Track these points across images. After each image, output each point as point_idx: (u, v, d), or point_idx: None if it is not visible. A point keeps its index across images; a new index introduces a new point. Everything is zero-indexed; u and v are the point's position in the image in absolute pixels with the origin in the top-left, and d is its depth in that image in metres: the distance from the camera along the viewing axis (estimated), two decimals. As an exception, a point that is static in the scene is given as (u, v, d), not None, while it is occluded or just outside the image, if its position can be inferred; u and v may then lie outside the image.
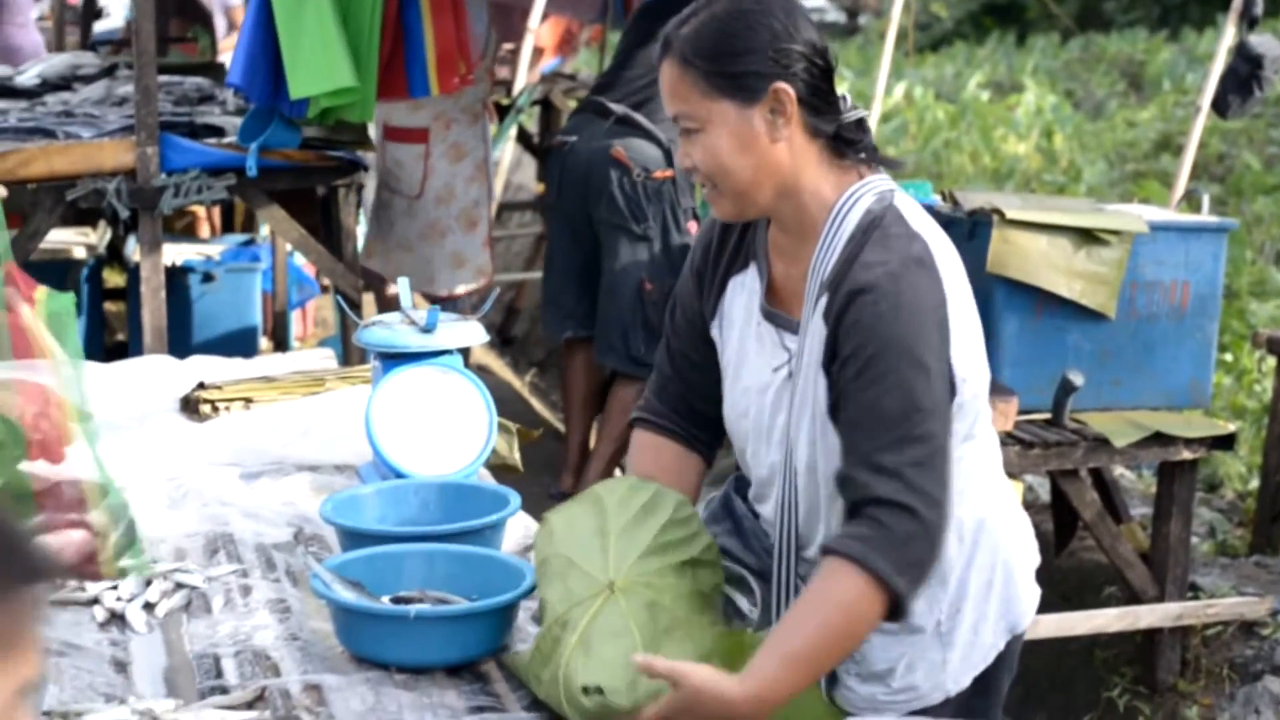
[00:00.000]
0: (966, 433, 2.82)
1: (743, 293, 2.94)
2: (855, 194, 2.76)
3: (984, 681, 2.93)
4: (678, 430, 3.10)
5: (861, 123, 2.81)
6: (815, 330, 2.74)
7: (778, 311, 2.87)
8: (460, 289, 7.10)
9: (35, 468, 2.64)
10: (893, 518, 2.60)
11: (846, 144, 2.79)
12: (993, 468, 2.95)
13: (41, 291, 2.84)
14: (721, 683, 2.53)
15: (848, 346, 2.66)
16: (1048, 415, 5.38)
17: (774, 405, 2.87)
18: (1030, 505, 6.42)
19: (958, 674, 2.90)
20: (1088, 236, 5.31)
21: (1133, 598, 5.59)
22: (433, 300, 6.62)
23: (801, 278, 2.80)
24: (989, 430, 2.92)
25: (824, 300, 2.72)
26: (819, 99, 2.74)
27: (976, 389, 2.80)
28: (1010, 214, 5.28)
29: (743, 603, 2.95)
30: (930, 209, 5.63)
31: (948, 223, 5.46)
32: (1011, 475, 5.11)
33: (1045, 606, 5.74)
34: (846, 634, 2.63)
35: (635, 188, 6.58)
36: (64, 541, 2.63)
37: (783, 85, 2.69)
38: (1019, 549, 2.97)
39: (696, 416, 3.09)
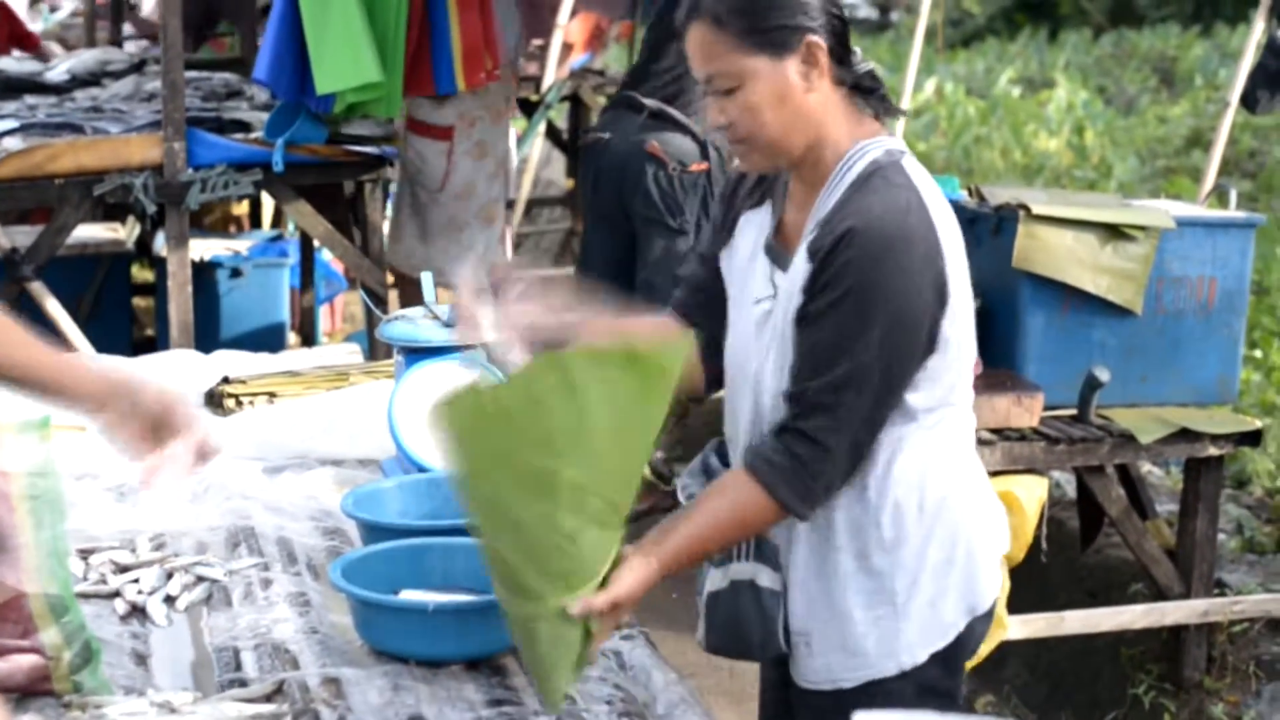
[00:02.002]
0: (942, 399, 2.86)
1: (752, 228, 3.00)
2: (865, 147, 2.83)
3: (942, 660, 2.96)
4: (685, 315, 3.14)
5: (873, 73, 2.89)
6: (799, 265, 2.80)
7: (777, 248, 2.92)
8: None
9: None
10: (809, 450, 2.75)
11: (865, 93, 2.87)
12: (964, 444, 2.98)
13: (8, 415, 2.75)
14: (638, 573, 2.65)
15: (824, 279, 2.73)
16: (1074, 411, 5.36)
17: (754, 340, 2.92)
18: (1056, 502, 6.41)
19: (912, 646, 2.92)
20: (1114, 232, 5.29)
21: (1159, 594, 5.57)
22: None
23: (804, 223, 2.86)
24: (967, 406, 2.96)
25: (812, 237, 2.78)
26: (842, 48, 2.82)
27: (960, 356, 2.85)
28: (1036, 209, 5.26)
29: None
30: (956, 204, 5.65)
31: (974, 218, 5.47)
32: (1037, 471, 5.12)
33: (1071, 603, 5.77)
34: (744, 532, 2.86)
35: (671, 182, 6.56)
36: (12, 667, 2.63)
37: (814, 37, 2.76)
38: (983, 530, 3.00)
39: (709, 335, 3.10)
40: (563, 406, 2.45)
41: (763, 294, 2.91)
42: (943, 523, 2.91)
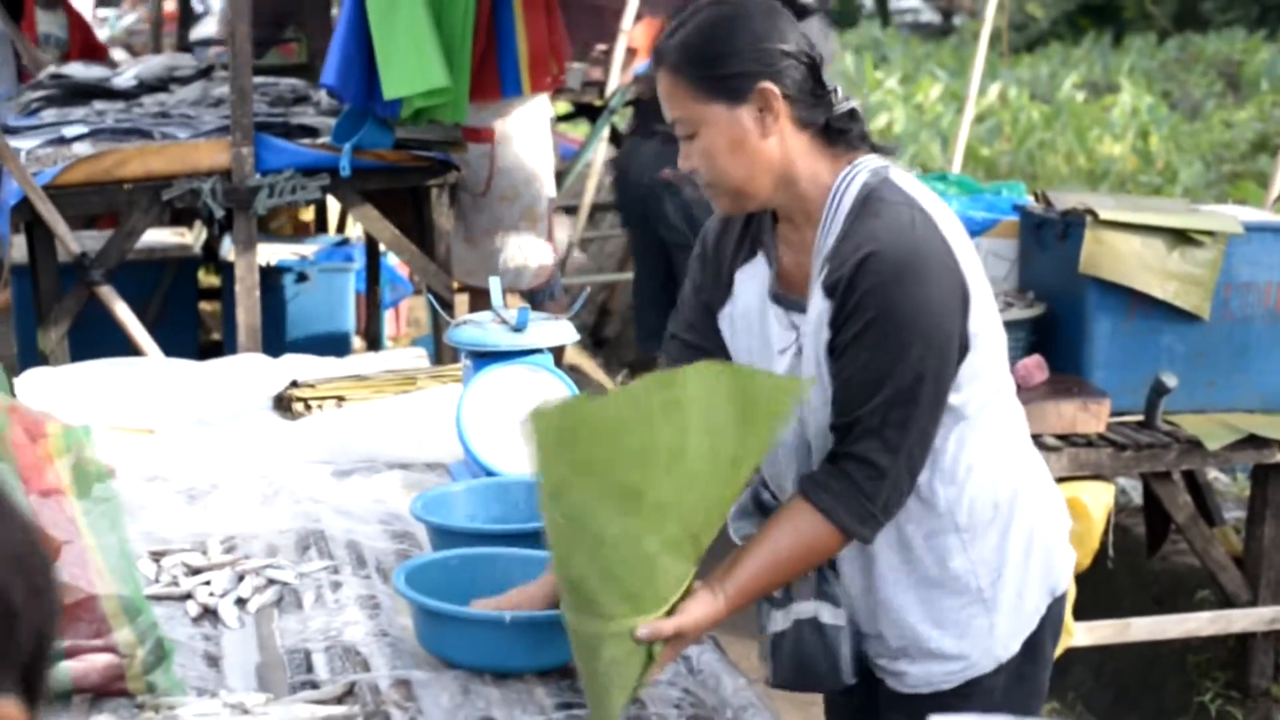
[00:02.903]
0: (986, 392, 2.88)
1: (753, 282, 2.99)
2: (850, 174, 2.83)
3: (1031, 646, 3.00)
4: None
5: (854, 113, 2.88)
6: (817, 302, 2.80)
7: (787, 295, 2.93)
8: (523, 284, 7.16)
9: (65, 578, 2.64)
10: (862, 473, 2.75)
11: (838, 133, 2.86)
12: (1019, 431, 3.02)
13: (54, 425, 2.80)
14: (705, 607, 2.67)
15: (848, 310, 2.74)
16: (1140, 417, 5.34)
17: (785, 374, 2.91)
18: (1123, 508, 6.39)
19: (1006, 639, 2.97)
20: (1182, 237, 5.28)
21: (1225, 601, 5.55)
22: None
23: (807, 262, 2.87)
24: (1010, 392, 2.98)
25: (825, 272, 2.79)
26: (805, 93, 2.81)
27: (991, 346, 2.86)
28: (1103, 214, 5.25)
29: None
30: (1023, 210, 5.65)
31: (1040, 223, 5.46)
32: (1103, 477, 5.11)
33: (1137, 610, 5.75)
34: (809, 563, 2.85)
35: (689, 205, 6.64)
36: (87, 666, 2.65)
37: (767, 84, 2.77)
38: (1051, 514, 3.05)
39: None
40: (668, 423, 2.46)
41: (786, 343, 2.92)
42: (1018, 512, 2.95)
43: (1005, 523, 2.94)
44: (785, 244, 2.94)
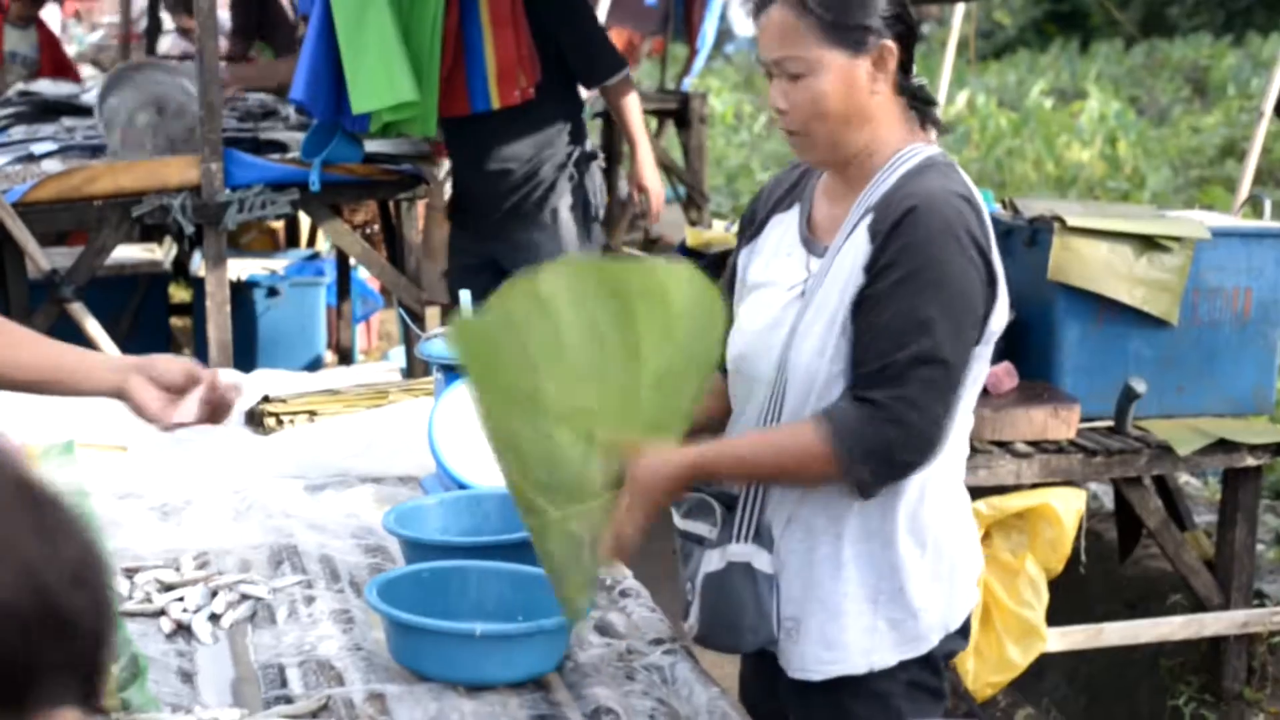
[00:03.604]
0: (964, 411, 2.91)
1: (779, 227, 3.05)
2: (918, 148, 2.90)
3: (926, 661, 3.00)
4: None
5: (925, 88, 2.96)
6: (856, 245, 2.83)
7: (811, 238, 2.97)
8: None
9: None
10: (880, 418, 2.75)
11: (920, 106, 2.94)
12: (959, 463, 3.02)
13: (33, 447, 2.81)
14: (669, 454, 2.77)
15: (890, 256, 2.77)
16: (1110, 423, 5.37)
17: (777, 321, 2.94)
18: (1094, 514, 6.41)
19: (884, 650, 2.96)
20: (1149, 243, 5.30)
21: (1198, 605, 5.57)
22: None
23: (843, 214, 2.91)
24: (965, 428, 2.99)
25: (870, 218, 2.83)
26: (908, 59, 2.89)
27: (977, 370, 2.91)
28: (1071, 221, 5.27)
29: (700, 527, 3.03)
30: (991, 217, 5.66)
31: (1008, 231, 5.48)
32: (1074, 483, 5.13)
33: (1110, 614, 5.77)
34: (789, 474, 2.87)
35: None
36: None
37: (889, 43, 2.83)
38: (966, 549, 3.05)
39: None
40: (538, 325, 2.56)
41: (794, 280, 2.94)
42: (934, 539, 2.95)
43: (923, 539, 2.94)
44: (824, 196, 2.99)
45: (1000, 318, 2.88)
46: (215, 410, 3.00)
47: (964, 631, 3.06)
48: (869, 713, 2.97)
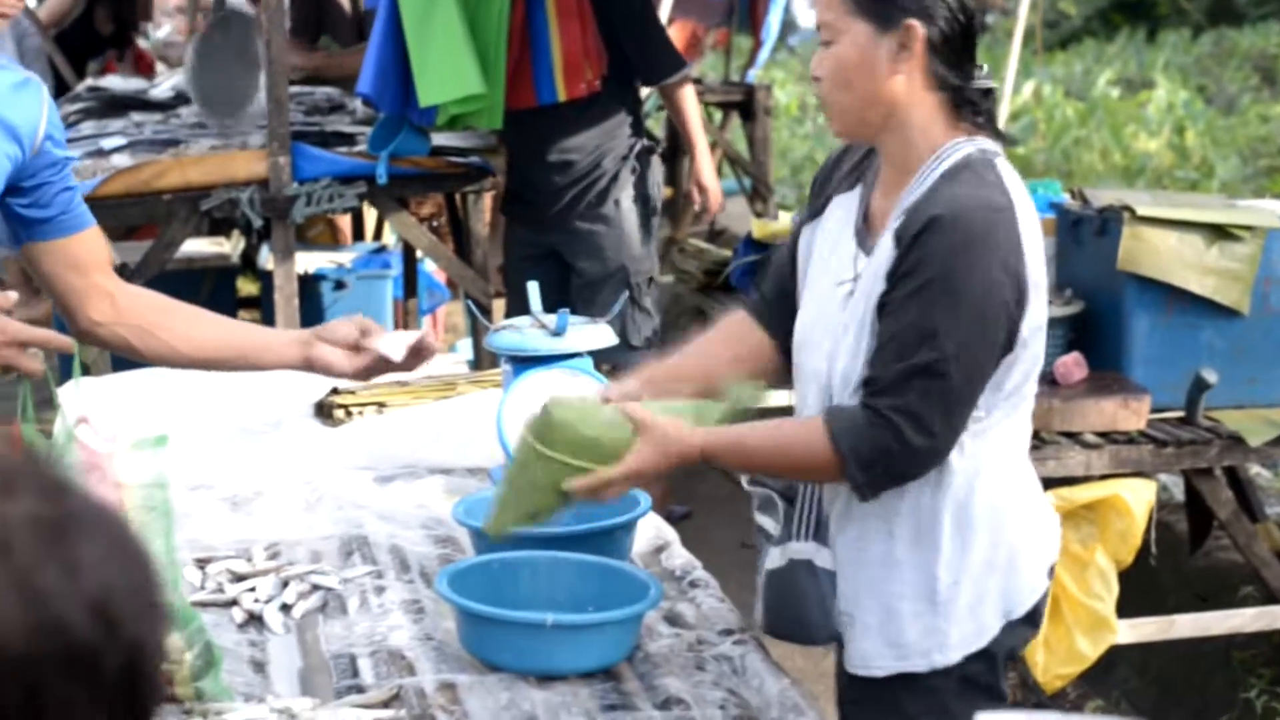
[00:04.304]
0: (999, 406, 2.89)
1: (842, 210, 3.04)
2: (959, 144, 2.86)
3: (984, 656, 2.99)
4: (760, 311, 3.24)
5: (989, 93, 2.92)
6: (883, 250, 2.83)
7: (865, 231, 2.96)
8: None
9: None
10: (879, 425, 2.77)
11: (968, 105, 2.89)
12: (1018, 452, 3.01)
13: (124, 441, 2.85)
14: (681, 426, 2.86)
15: (907, 266, 2.77)
16: (1181, 414, 5.33)
17: (831, 319, 2.94)
18: (1164, 505, 6.37)
19: (948, 647, 2.95)
20: (1220, 232, 5.26)
21: (1270, 597, 5.53)
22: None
23: (891, 210, 2.90)
24: (1025, 415, 2.99)
25: (899, 223, 2.82)
26: (951, 51, 2.85)
27: (1028, 365, 2.89)
28: (1141, 211, 5.24)
29: (768, 523, 3.07)
30: (1060, 207, 5.64)
31: (1077, 220, 5.45)
32: (1145, 474, 5.10)
33: (1180, 606, 5.73)
34: (790, 470, 2.95)
35: None
36: None
37: (914, 23, 2.80)
38: (1030, 537, 3.02)
39: (787, 316, 3.17)
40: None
41: (846, 275, 2.94)
42: (989, 526, 2.93)
43: (974, 534, 2.92)
44: (881, 186, 2.98)
45: (1036, 319, 2.85)
46: (417, 355, 3.42)
47: (1031, 619, 3.03)
48: (919, 708, 2.97)
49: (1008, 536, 2.96)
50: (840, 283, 2.94)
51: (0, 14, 3.39)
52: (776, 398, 6.91)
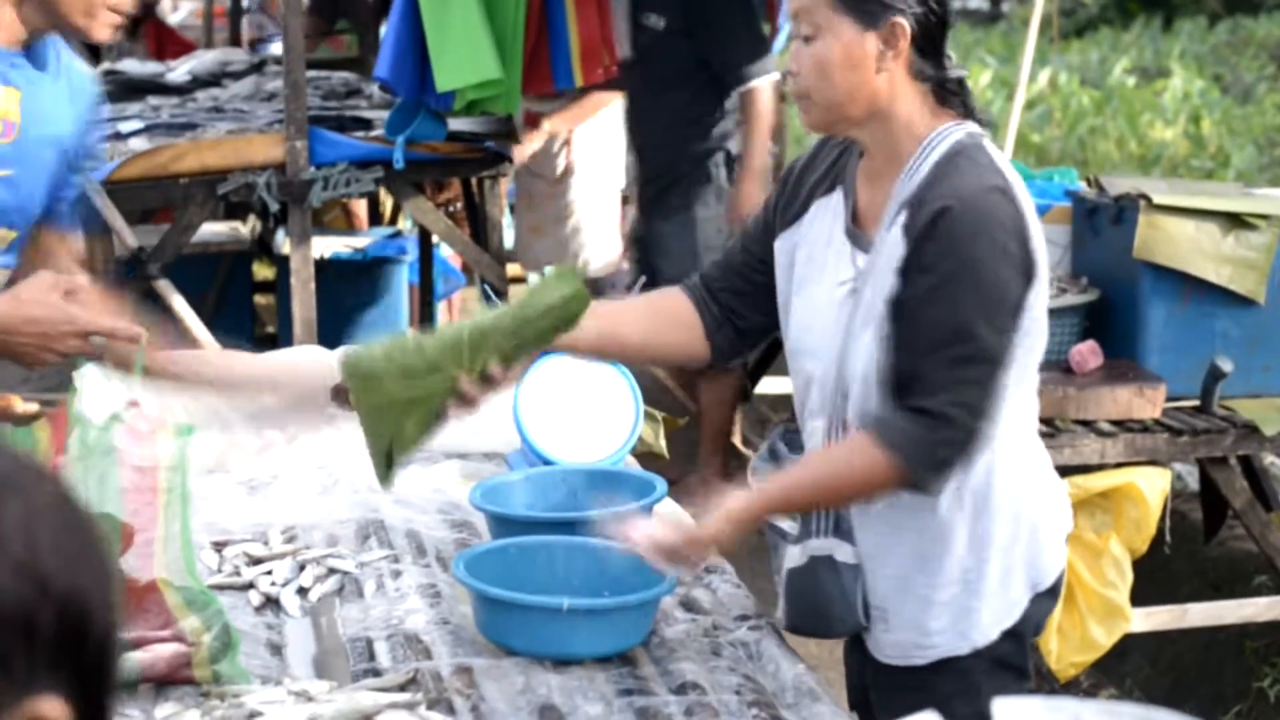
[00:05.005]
0: (1014, 385, 2.89)
1: (826, 214, 3.01)
2: (946, 131, 2.86)
3: (1014, 635, 3.01)
4: (700, 298, 3.18)
5: (961, 81, 2.92)
6: (892, 244, 2.83)
7: (858, 232, 2.95)
8: (590, 273, 7.18)
9: (129, 566, 2.67)
10: (934, 424, 2.76)
11: (948, 95, 2.90)
12: (1029, 425, 3.03)
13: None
14: (740, 497, 2.87)
15: (925, 260, 2.77)
16: (1196, 402, 5.32)
17: (835, 321, 2.93)
18: (1179, 494, 6.37)
19: (985, 625, 2.97)
20: (1236, 221, 5.25)
21: (1284, 587, 5.53)
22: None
23: (884, 202, 2.89)
24: (1031, 390, 3.00)
25: (904, 216, 2.82)
26: (929, 43, 2.85)
27: (1032, 340, 2.90)
28: (1157, 199, 5.23)
29: (784, 522, 3.06)
30: (1076, 195, 5.63)
31: (1093, 208, 5.45)
32: (1159, 463, 5.09)
33: (1194, 595, 5.73)
34: (858, 495, 2.90)
35: None
36: (154, 656, 2.67)
37: (901, 20, 2.80)
38: (1047, 508, 3.05)
39: (728, 309, 3.16)
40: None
41: (845, 276, 2.93)
42: (1010, 503, 2.95)
43: (998, 508, 2.94)
44: (864, 179, 2.97)
45: (1040, 295, 2.86)
46: None
47: (1054, 591, 3.07)
48: (951, 690, 2.97)
49: (1028, 509, 2.98)
50: (841, 283, 2.93)
51: (113, 9, 3.21)
52: (773, 385, 6.93)
